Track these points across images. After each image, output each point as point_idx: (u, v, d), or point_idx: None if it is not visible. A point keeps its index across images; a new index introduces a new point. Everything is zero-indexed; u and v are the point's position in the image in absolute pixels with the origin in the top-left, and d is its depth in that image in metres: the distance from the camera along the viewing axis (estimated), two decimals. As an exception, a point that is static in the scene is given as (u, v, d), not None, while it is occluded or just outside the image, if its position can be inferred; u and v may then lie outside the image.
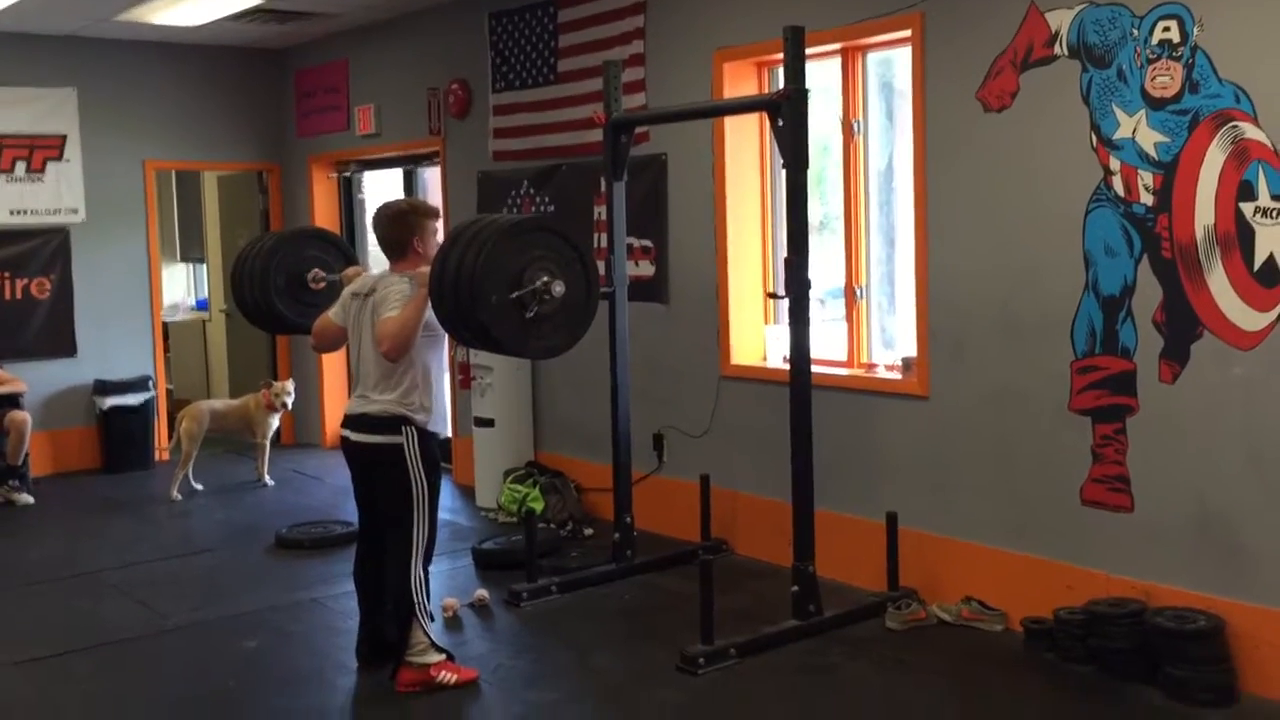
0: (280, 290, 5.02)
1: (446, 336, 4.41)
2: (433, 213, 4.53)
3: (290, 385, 7.93)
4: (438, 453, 4.43)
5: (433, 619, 4.41)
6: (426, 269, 4.21)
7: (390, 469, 4.30)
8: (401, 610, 4.32)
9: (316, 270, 5.06)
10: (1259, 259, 4.02)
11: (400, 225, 4.42)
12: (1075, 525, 4.60)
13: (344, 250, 5.31)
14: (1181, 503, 4.29)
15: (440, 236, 4.48)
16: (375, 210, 4.58)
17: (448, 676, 4.32)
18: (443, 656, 4.35)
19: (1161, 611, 4.20)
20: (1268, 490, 4.06)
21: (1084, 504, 4.57)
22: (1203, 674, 4.05)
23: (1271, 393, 4.03)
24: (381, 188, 9.15)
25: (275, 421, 7.96)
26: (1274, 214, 3.97)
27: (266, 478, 7.91)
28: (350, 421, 4.41)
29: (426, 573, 4.37)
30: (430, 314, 4.21)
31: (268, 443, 7.92)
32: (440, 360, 4.45)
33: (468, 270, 3.99)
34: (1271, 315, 4.01)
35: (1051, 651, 4.45)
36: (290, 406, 7.96)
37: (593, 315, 4.40)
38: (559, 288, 4.10)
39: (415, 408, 4.29)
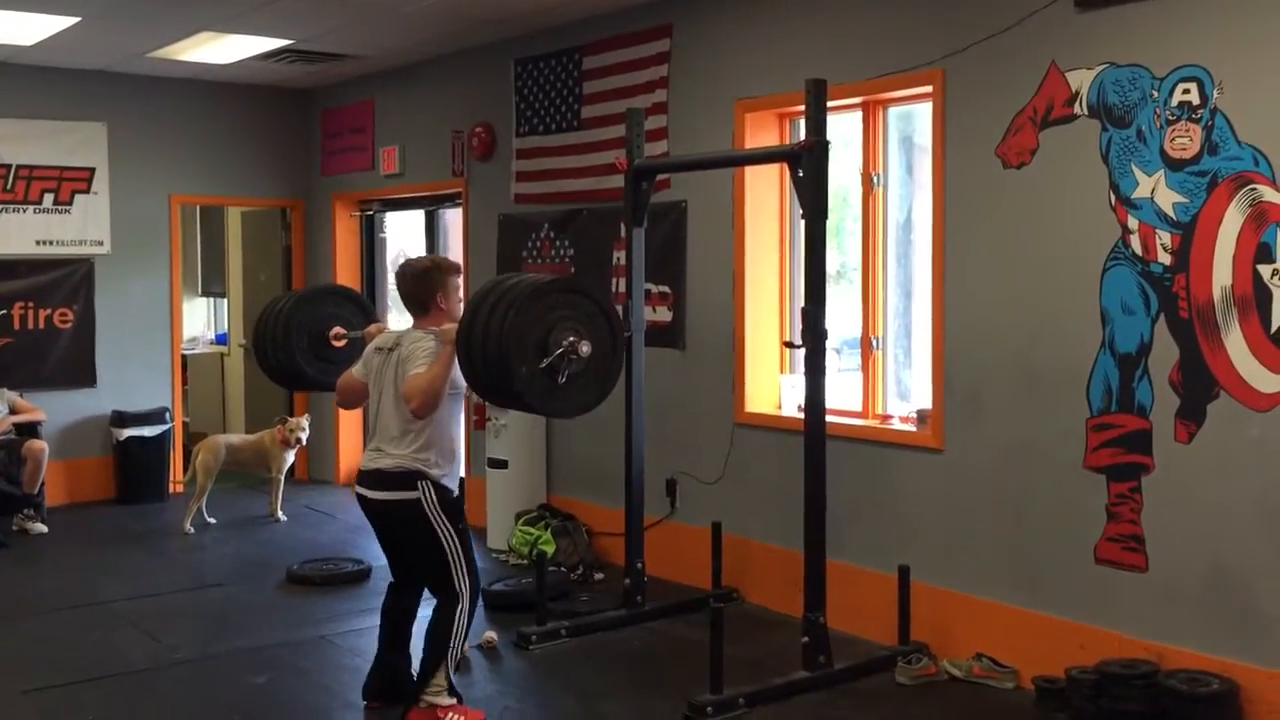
0: (303, 349, 5.06)
1: (465, 393, 4.43)
2: (455, 269, 4.58)
3: (305, 421, 7.96)
4: (457, 502, 4.43)
5: (457, 667, 4.41)
6: (451, 326, 4.25)
7: (411, 526, 4.32)
8: (434, 651, 4.31)
9: (337, 328, 5.10)
10: (1276, 321, 4.02)
11: (424, 282, 4.45)
12: (1089, 584, 4.57)
13: (363, 306, 5.37)
14: (1196, 564, 4.27)
15: (462, 292, 4.53)
16: (398, 268, 4.62)
17: (454, 718, 4.31)
18: (454, 700, 4.34)
19: (1174, 674, 4.16)
20: (1283, 553, 4.04)
21: (1098, 563, 4.55)
22: (1216, 738, 4.01)
23: (1288, 455, 4.02)
24: (404, 227, 9.24)
25: (290, 457, 7.98)
26: (1292, 277, 3.97)
27: (280, 513, 7.93)
28: (365, 478, 4.41)
29: (471, 620, 4.38)
30: (454, 371, 4.24)
31: (282, 478, 7.94)
32: (459, 416, 4.47)
33: (494, 342, 4.03)
34: (1288, 378, 4.00)
35: (1063, 711, 4.41)
36: (305, 442, 7.99)
37: (620, 367, 4.44)
38: (585, 348, 4.14)
39: (430, 463, 4.30)
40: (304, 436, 7.89)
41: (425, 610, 4.58)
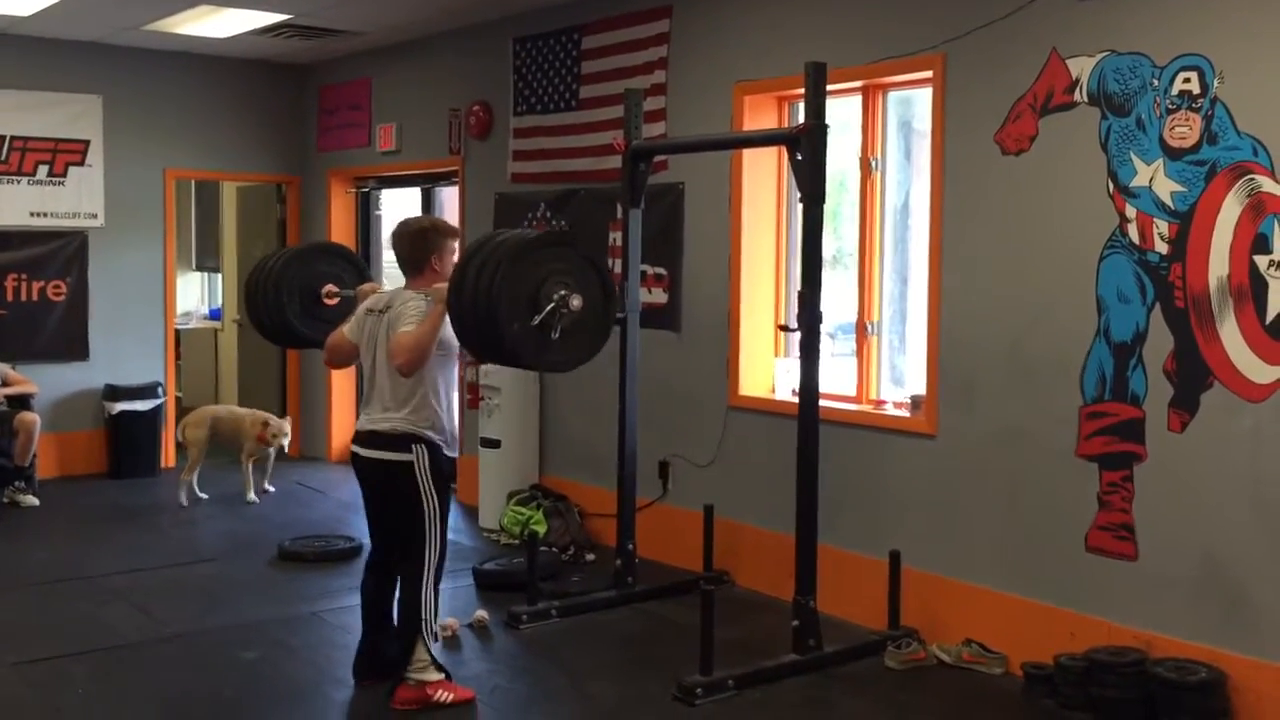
0: (294, 305, 5.05)
1: (458, 354, 4.43)
2: (452, 232, 4.56)
3: (287, 426, 7.84)
4: (447, 470, 4.43)
5: (436, 639, 4.41)
6: (442, 285, 4.23)
7: (401, 487, 4.31)
8: (408, 626, 4.32)
9: (330, 285, 5.09)
10: (1272, 312, 4.02)
11: (419, 243, 4.44)
12: (1079, 572, 4.59)
13: (357, 265, 5.35)
14: (1186, 553, 4.28)
15: (458, 256, 4.50)
16: (394, 227, 4.61)
17: (444, 695, 4.32)
18: (441, 676, 4.34)
19: (1162, 662, 4.18)
20: (1273, 544, 4.05)
21: (1088, 550, 4.56)
22: (1202, 727, 4.03)
23: (1279, 445, 4.03)
24: (399, 205, 9.21)
25: (266, 451, 7.88)
26: (1288, 268, 3.97)
27: (251, 494, 7.77)
28: (361, 438, 4.41)
29: (437, 591, 4.38)
30: (445, 331, 4.23)
31: (249, 465, 7.79)
32: (451, 378, 4.46)
33: (484, 297, 4.02)
34: (1283, 369, 4.01)
35: (1051, 698, 4.43)
36: (284, 448, 7.91)
37: (613, 320, 4.43)
38: (576, 301, 4.13)
39: (426, 425, 4.30)
40: (284, 443, 7.80)
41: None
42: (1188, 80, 4.22)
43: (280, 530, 6.88)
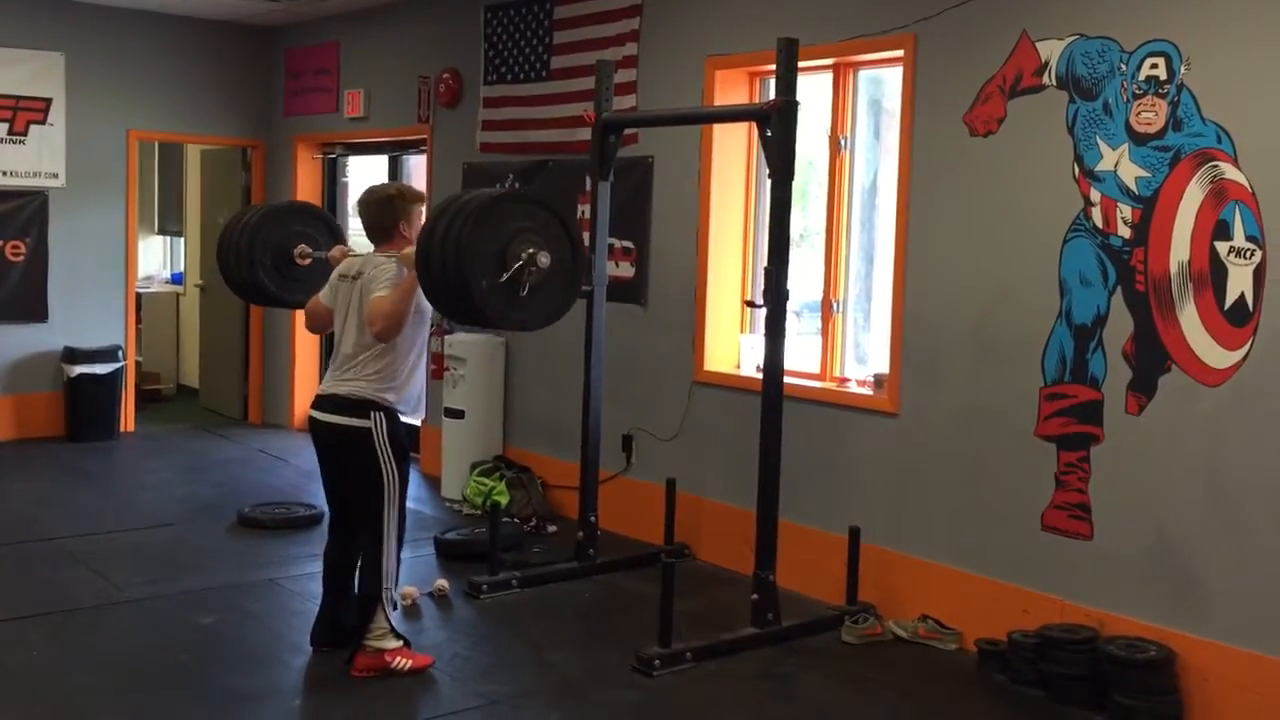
0: (266, 265, 5.03)
1: (429, 319, 4.41)
2: (419, 197, 4.55)
3: None
4: (405, 440, 4.42)
5: (396, 607, 4.41)
6: (412, 249, 4.21)
7: (357, 455, 4.30)
8: (368, 594, 4.32)
9: (303, 246, 5.06)
10: (1230, 298, 4.08)
11: (386, 210, 4.43)
12: (1034, 550, 4.65)
13: (330, 226, 5.30)
14: (1140, 534, 4.34)
15: (423, 219, 4.48)
16: (360, 195, 4.59)
17: (403, 663, 4.32)
18: (400, 643, 4.35)
19: (1113, 640, 4.25)
20: (1225, 527, 4.12)
21: (1044, 529, 4.62)
22: (1151, 704, 4.10)
23: (1234, 430, 4.09)
24: (367, 172, 9.13)
25: None
26: (1248, 254, 4.03)
27: None
28: (320, 401, 4.40)
29: (399, 560, 4.38)
30: (418, 296, 4.22)
31: None
32: (423, 343, 4.46)
33: (452, 256, 4.00)
34: (1239, 354, 4.07)
35: (1003, 673, 4.49)
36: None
37: (582, 278, 4.43)
38: (545, 258, 4.11)
39: (386, 389, 4.29)
40: None
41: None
42: (1155, 66, 4.25)
43: (240, 496, 6.85)
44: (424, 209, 4.54)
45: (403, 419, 4.39)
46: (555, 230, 4.23)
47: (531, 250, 4.09)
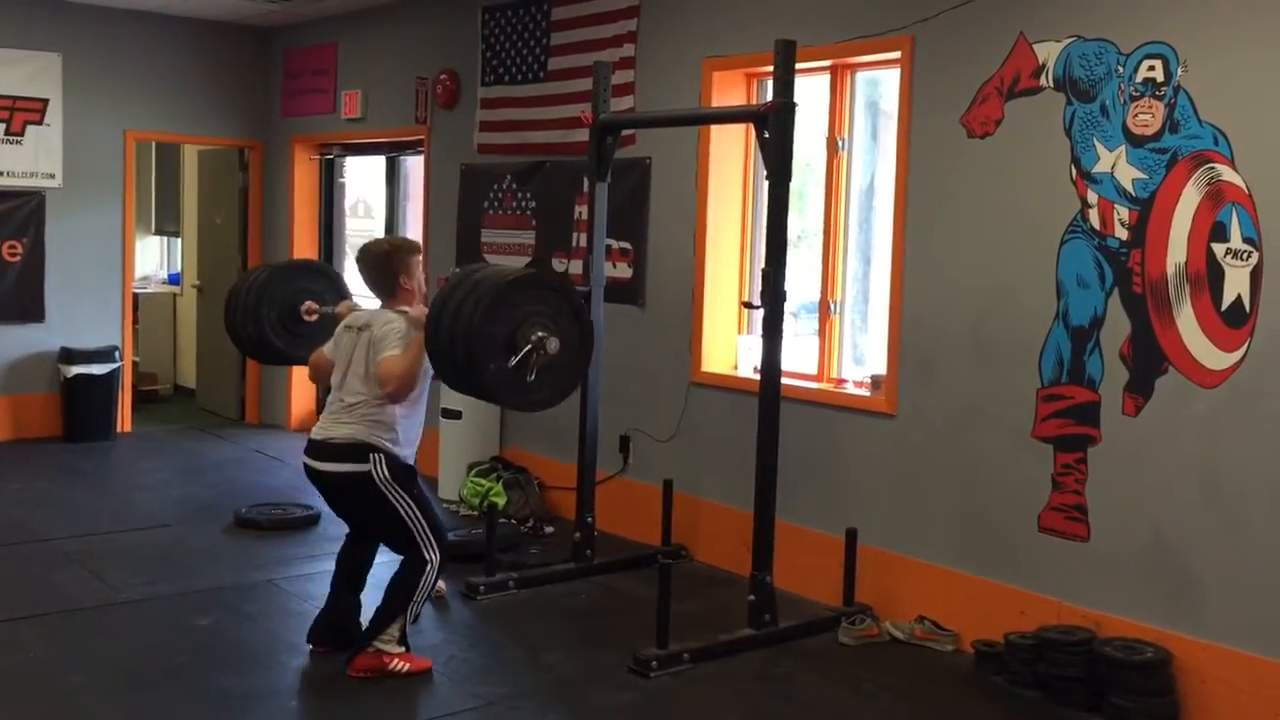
0: (273, 321, 5.08)
1: (432, 375, 4.42)
2: (414, 248, 4.59)
3: None
4: (409, 469, 4.39)
5: (415, 620, 4.43)
6: (422, 311, 4.26)
7: (364, 498, 4.31)
8: (394, 601, 4.32)
9: (309, 302, 5.10)
10: (1227, 299, 4.08)
11: (385, 267, 4.46)
12: (1031, 551, 4.65)
13: (335, 282, 5.35)
14: (1136, 536, 4.35)
15: (423, 269, 4.57)
16: (358, 253, 4.62)
17: (400, 665, 4.32)
18: (403, 649, 4.35)
19: (1110, 641, 4.25)
20: (1222, 528, 4.12)
21: (1041, 531, 4.62)
22: (1147, 705, 4.10)
23: (1231, 431, 4.09)
24: (364, 173, 9.14)
25: None
26: (1244, 256, 4.03)
27: None
28: (314, 448, 4.37)
29: (438, 577, 4.40)
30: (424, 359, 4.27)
31: None
32: (424, 393, 4.45)
33: (461, 339, 4.04)
34: (1236, 355, 4.07)
35: (1000, 675, 4.50)
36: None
37: (588, 361, 4.47)
38: (553, 344, 4.13)
39: (384, 436, 4.29)
40: None
41: (383, 557, 4.61)
42: (1152, 68, 4.26)
43: (237, 497, 6.84)
44: (420, 257, 4.57)
45: (401, 458, 4.37)
46: (565, 312, 4.25)
47: (541, 334, 4.11)
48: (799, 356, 5.67)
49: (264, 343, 5.12)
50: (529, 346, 4.09)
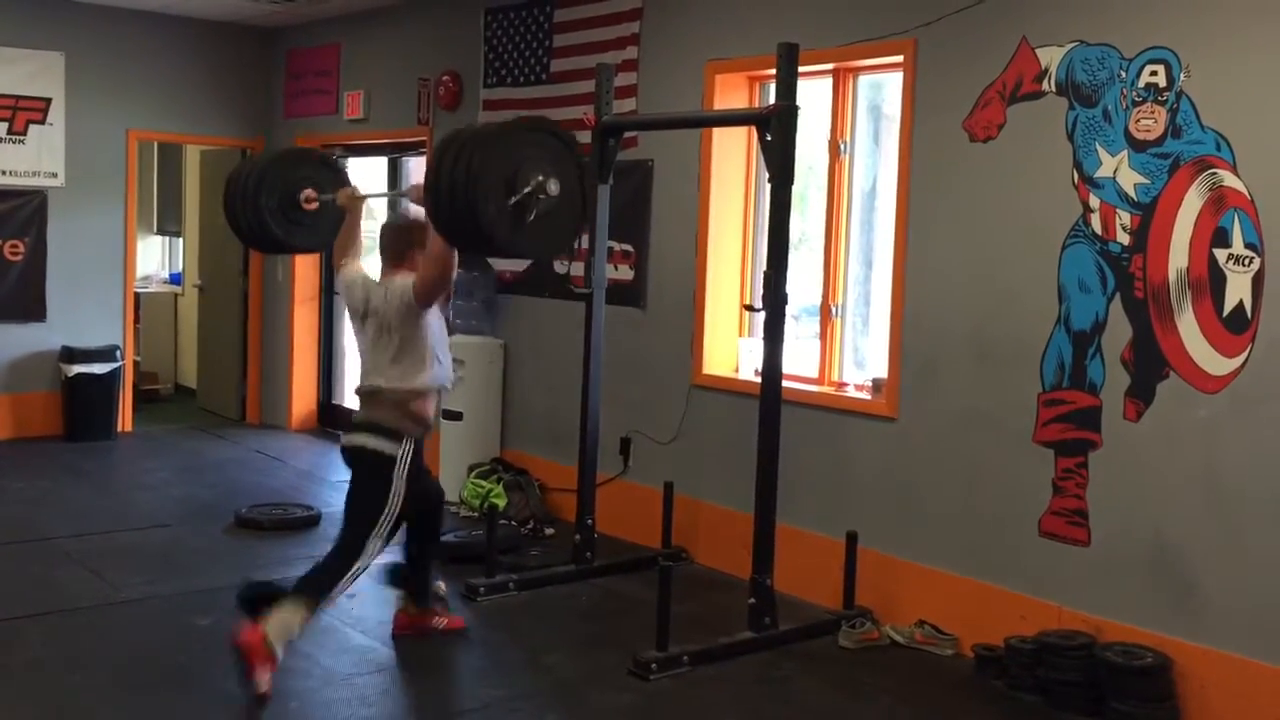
0: (272, 209, 5.02)
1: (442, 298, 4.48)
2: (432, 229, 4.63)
3: None
4: (418, 469, 4.49)
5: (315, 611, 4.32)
6: (419, 185, 4.31)
7: (372, 474, 4.36)
8: (305, 587, 4.21)
9: (309, 190, 5.05)
10: (1229, 305, 4.08)
11: (405, 236, 4.54)
12: (1032, 556, 4.65)
13: (336, 170, 5.28)
14: (1137, 541, 4.35)
15: None
16: (384, 223, 4.66)
17: (267, 672, 4.08)
18: (278, 655, 4.11)
19: (1110, 646, 4.25)
20: (1223, 534, 4.12)
21: (1042, 535, 4.62)
22: (1148, 711, 4.10)
23: (1233, 437, 4.09)
24: (366, 174, 9.12)
25: None
26: (1246, 261, 4.03)
27: None
28: (357, 428, 4.46)
29: (354, 580, 4.35)
30: (440, 324, 4.40)
31: None
32: (443, 324, 4.53)
33: (461, 181, 3.99)
34: (1237, 360, 4.07)
35: (1000, 679, 4.50)
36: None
37: (589, 207, 4.41)
38: (554, 185, 4.09)
39: (418, 409, 4.39)
40: None
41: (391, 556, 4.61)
42: (1154, 73, 4.26)
43: (238, 497, 6.84)
44: None
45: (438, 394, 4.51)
46: (565, 160, 4.22)
47: (541, 177, 4.06)
48: (800, 359, 5.67)
49: (263, 230, 5.06)
50: (529, 187, 4.05)
